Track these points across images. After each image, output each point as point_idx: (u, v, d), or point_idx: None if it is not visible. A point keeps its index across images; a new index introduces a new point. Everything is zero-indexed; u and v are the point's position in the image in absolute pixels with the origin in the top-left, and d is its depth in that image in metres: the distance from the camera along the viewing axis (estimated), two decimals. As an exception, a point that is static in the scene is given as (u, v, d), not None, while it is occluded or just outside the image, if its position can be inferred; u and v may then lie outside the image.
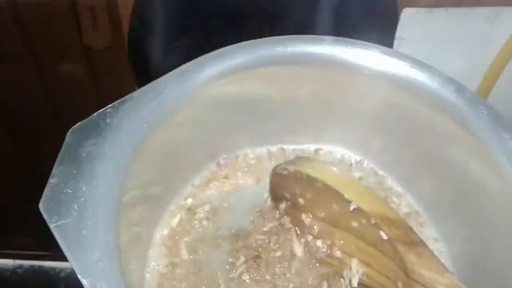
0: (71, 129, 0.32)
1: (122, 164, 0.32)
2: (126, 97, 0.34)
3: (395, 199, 0.40)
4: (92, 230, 0.29)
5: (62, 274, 0.70)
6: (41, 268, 0.73)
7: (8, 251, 0.80)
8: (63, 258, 0.27)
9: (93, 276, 0.27)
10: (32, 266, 0.75)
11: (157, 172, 0.36)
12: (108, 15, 0.60)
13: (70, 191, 0.30)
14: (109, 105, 0.33)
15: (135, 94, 0.34)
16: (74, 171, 0.30)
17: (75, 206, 0.29)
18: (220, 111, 0.38)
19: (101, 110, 0.33)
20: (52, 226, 0.28)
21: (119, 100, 0.34)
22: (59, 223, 0.28)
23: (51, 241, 0.28)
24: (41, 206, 0.29)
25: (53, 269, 0.71)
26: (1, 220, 0.67)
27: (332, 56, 0.37)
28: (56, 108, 0.62)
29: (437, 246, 0.38)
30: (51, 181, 0.30)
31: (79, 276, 0.27)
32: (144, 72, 0.55)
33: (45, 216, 0.29)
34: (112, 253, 0.28)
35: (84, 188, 0.30)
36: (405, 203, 0.40)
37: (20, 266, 0.81)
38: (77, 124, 0.32)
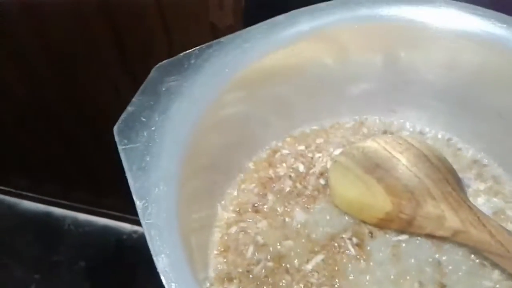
0: (156, 65, 0.33)
1: (199, 103, 0.32)
2: (213, 41, 0.34)
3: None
4: (155, 157, 0.29)
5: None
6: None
7: (127, 215, 0.86)
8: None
9: (147, 199, 0.27)
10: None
11: (237, 119, 0.35)
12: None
13: (144, 119, 0.30)
14: (196, 47, 0.34)
15: (223, 39, 0.34)
16: (152, 102, 0.31)
17: (145, 133, 0.30)
18: (307, 72, 0.37)
19: (187, 51, 0.33)
20: (120, 148, 0.29)
21: (206, 44, 0.34)
22: (127, 146, 0.29)
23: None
24: (115, 129, 0.30)
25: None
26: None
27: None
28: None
29: None
30: (129, 108, 0.31)
31: (134, 197, 0.27)
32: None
33: (116, 139, 0.30)
34: (170, 181, 0.28)
35: (157, 119, 0.30)
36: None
37: (135, 231, 0.87)
38: (164, 61, 0.33)
